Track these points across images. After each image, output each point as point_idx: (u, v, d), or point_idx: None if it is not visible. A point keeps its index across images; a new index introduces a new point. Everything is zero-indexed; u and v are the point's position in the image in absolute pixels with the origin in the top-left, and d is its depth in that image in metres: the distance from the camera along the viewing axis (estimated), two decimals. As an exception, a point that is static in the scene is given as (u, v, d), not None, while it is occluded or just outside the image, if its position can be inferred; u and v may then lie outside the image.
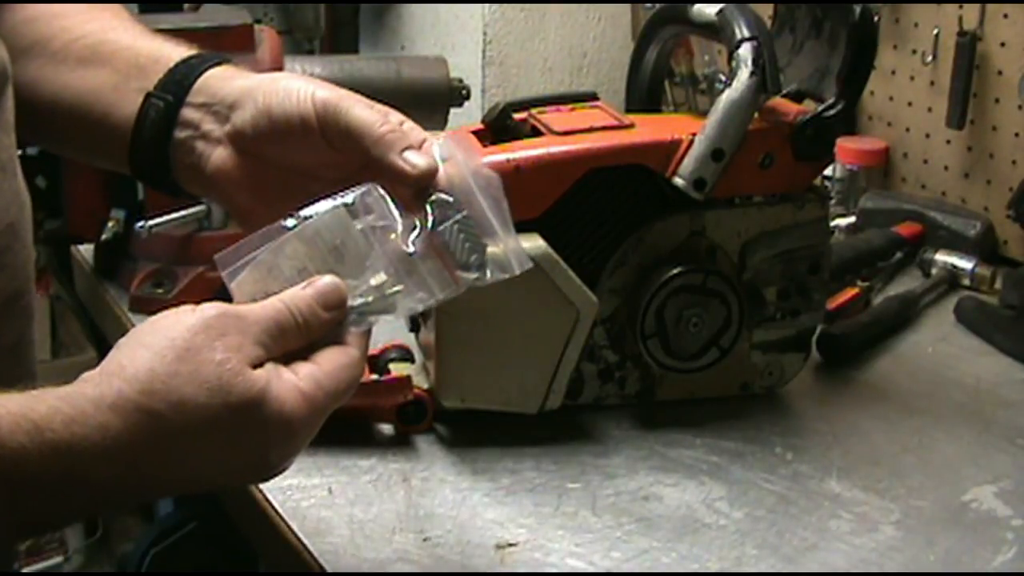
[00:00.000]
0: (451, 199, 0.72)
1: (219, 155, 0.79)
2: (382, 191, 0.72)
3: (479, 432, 1.01)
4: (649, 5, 1.66)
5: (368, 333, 0.71)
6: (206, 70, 0.80)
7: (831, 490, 0.95)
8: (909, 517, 0.91)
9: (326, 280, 0.69)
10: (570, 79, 1.79)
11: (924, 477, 0.97)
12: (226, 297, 0.69)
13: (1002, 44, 1.39)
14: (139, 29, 0.86)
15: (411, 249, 0.71)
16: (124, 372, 0.64)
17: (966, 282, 1.35)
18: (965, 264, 1.35)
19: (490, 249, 0.72)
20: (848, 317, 1.22)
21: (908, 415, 1.07)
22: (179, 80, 0.80)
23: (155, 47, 0.83)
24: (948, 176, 1.48)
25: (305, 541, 0.87)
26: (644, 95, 1.16)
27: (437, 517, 0.90)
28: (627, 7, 1.76)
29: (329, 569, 0.85)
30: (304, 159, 0.77)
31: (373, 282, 0.71)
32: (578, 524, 0.90)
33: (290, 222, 0.70)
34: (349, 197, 0.71)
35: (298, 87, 0.76)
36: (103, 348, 1.48)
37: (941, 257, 1.37)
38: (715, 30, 1.02)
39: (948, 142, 1.47)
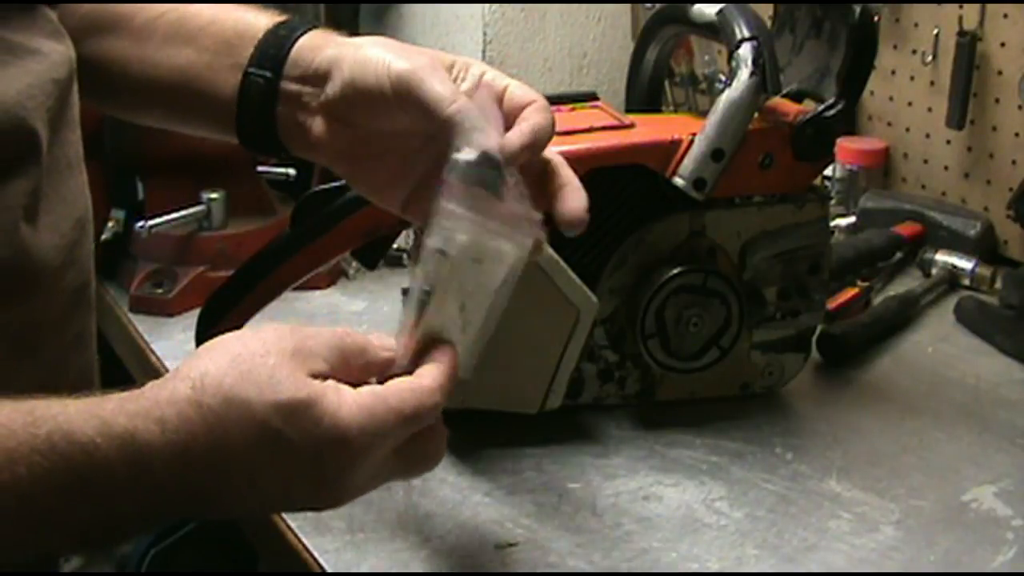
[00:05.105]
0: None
1: (318, 124, 0.81)
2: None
3: (479, 432, 1.01)
4: (649, 5, 1.65)
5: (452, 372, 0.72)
6: (296, 40, 0.83)
7: (831, 490, 0.95)
8: (909, 517, 0.91)
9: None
10: (570, 79, 1.79)
11: (924, 477, 0.97)
12: None
13: (1002, 44, 1.39)
14: None
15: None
16: (178, 374, 0.66)
17: (966, 282, 1.35)
18: (965, 264, 1.35)
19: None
20: (848, 317, 1.22)
21: (908, 415, 1.07)
22: (272, 55, 0.82)
23: (237, 19, 0.86)
24: (948, 176, 1.48)
25: (305, 541, 0.87)
26: (644, 95, 1.16)
27: (437, 517, 0.90)
28: (627, 7, 1.76)
29: (329, 569, 0.85)
30: (393, 126, 0.78)
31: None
32: (578, 524, 0.90)
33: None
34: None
35: (377, 57, 0.77)
36: (103, 348, 1.48)
37: (941, 257, 1.37)
38: (715, 30, 1.02)
39: (948, 142, 1.47)
